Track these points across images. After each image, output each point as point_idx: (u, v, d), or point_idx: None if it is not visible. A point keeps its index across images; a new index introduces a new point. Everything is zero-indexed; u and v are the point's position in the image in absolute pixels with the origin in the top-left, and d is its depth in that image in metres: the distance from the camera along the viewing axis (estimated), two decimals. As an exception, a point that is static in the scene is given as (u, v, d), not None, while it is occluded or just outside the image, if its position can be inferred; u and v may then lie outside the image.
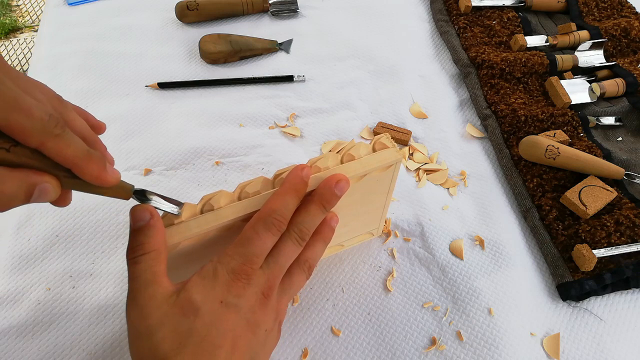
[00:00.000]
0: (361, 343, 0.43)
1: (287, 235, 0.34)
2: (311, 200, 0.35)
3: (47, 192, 0.27)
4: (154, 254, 0.30)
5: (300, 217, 0.35)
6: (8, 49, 1.95)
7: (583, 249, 0.46)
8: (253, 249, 0.32)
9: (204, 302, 0.30)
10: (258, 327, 0.32)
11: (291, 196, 0.34)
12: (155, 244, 0.31)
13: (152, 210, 0.31)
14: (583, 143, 0.56)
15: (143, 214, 0.31)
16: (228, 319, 0.30)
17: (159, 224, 0.31)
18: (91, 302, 0.45)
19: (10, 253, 0.48)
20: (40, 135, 0.25)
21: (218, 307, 0.30)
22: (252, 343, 0.32)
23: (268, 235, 0.32)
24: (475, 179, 0.56)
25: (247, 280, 0.31)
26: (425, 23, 0.76)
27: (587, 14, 0.73)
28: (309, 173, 0.35)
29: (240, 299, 0.31)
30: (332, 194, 0.35)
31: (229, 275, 0.31)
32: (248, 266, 0.31)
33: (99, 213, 0.51)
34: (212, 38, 0.67)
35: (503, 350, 0.42)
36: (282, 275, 0.34)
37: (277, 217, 0.33)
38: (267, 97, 0.64)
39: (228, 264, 0.31)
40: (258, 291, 0.32)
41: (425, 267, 0.48)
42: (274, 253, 0.33)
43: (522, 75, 0.64)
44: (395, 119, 0.62)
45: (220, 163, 0.56)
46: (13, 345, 0.42)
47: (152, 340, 0.29)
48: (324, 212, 0.36)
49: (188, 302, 0.30)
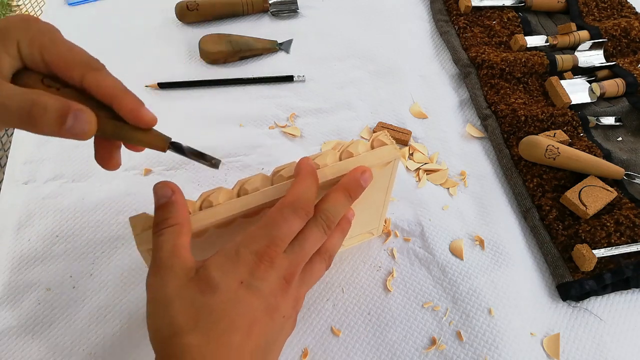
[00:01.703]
0: (361, 343, 0.43)
1: (314, 222, 0.34)
2: (337, 189, 0.35)
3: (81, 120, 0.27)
4: (176, 228, 0.31)
5: (328, 205, 0.34)
6: (8, 49, 1.94)
7: (583, 249, 0.46)
8: (279, 232, 0.31)
9: (222, 280, 0.30)
10: (277, 312, 0.31)
11: (310, 180, 0.34)
12: (177, 218, 0.32)
13: (174, 186, 0.33)
14: (583, 143, 0.56)
15: (165, 190, 0.32)
16: (247, 301, 0.30)
17: (181, 199, 0.33)
18: (91, 302, 0.45)
19: (11, 253, 0.48)
20: (82, 67, 0.28)
21: (238, 287, 0.30)
22: (269, 328, 0.31)
23: (295, 219, 0.32)
24: (475, 179, 0.56)
25: (270, 263, 0.31)
26: (425, 23, 0.76)
27: (587, 14, 0.73)
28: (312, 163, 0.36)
29: (262, 281, 0.30)
30: (358, 184, 0.36)
31: (252, 256, 0.31)
32: (272, 249, 0.31)
33: (99, 213, 0.51)
34: (212, 38, 0.67)
35: (503, 350, 0.42)
36: (305, 262, 0.34)
37: (304, 202, 0.33)
38: (267, 97, 0.64)
39: (252, 245, 0.31)
40: (280, 276, 0.31)
41: (425, 267, 0.48)
42: (300, 238, 0.33)
43: (522, 75, 0.64)
44: (395, 119, 0.62)
45: (221, 163, 0.56)
46: (13, 345, 0.42)
47: (168, 310, 0.29)
48: (349, 202, 0.36)
49: (206, 279, 0.30)
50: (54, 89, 0.28)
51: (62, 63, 0.28)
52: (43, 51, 0.28)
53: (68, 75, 0.29)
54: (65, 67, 0.28)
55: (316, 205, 0.34)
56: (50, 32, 0.29)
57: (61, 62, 0.28)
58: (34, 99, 0.27)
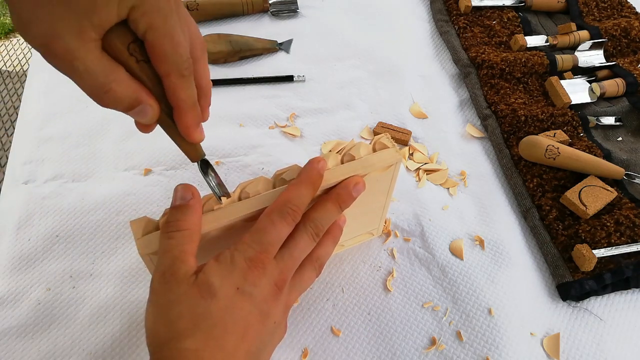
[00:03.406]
0: (361, 343, 0.43)
1: (304, 230, 0.34)
2: (328, 198, 0.36)
3: (146, 114, 0.29)
4: (186, 233, 0.31)
5: (317, 214, 0.35)
6: (8, 49, 1.95)
7: (583, 249, 0.46)
8: (269, 238, 0.32)
9: (221, 286, 0.30)
10: (268, 318, 0.32)
11: (307, 187, 0.34)
12: (190, 224, 0.32)
13: (195, 191, 0.33)
14: (583, 143, 0.56)
15: (186, 193, 0.33)
16: (242, 306, 0.31)
17: (198, 206, 0.33)
18: (91, 302, 0.45)
19: (11, 253, 0.48)
20: (171, 67, 0.28)
21: (234, 293, 0.31)
22: (262, 333, 0.32)
23: (283, 225, 0.33)
24: (475, 179, 0.56)
25: (262, 270, 0.32)
26: (425, 23, 0.76)
27: (587, 14, 0.73)
28: (324, 166, 0.36)
29: (255, 287, 0.31)
30: (349, 194, 0.36)
31: (246, 262, 0.31)
32: (264, 255, 0.32)
33: (99, 213, 0.51)
34: (212, 38, 0.67)
35: (503, 350, 0.42)
36: (295, 268, 0.34)
37: (292, 207, 0.33)
38: (267, 97, 0.64)
39: (245, 251, 0.32)
40: (272, 282, 0.32)
41: (425, 267, 0.48)
42: (289, 245, 0.34)
43: (522, 75, 0.64)
44: (395, 119, 0.62)
45: (220, 163, 0.56)
46: (13, 345, 0.42)
47: (169, 314, 0.29)
48: (339, 211, 0.36)
49: (206, 285, 0.30)
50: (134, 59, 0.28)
51: (158, 52, 0.28)
52: (149, 30, 0.27)
53: (156, 63, 0.28)
54: (157, 58, 0.28)
55: (306, 213, 0.35)
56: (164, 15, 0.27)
57: (158, 50, 0.27)
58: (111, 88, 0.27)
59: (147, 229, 0.33)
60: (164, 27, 0.27)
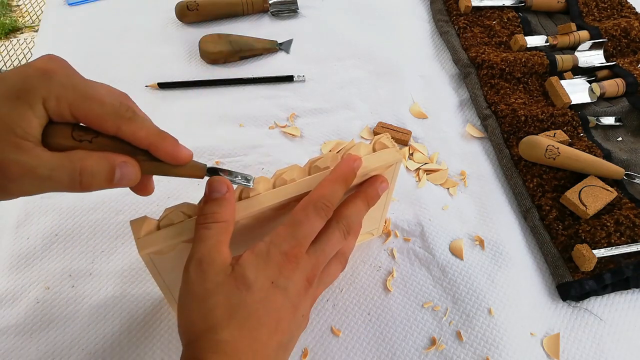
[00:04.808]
0: (361, 343, 0.43)
1: (336, 226, 0.35)
2: (358, 196, 0.37)
3: (127, 172, 0.29)
4: (223, 225, 0.32)
5: (349, 211, 0.36)
6: (8, 49, 1.95)
7: (583, 249, 0.46)
8: (303, 232, 0.33)
9: (256, 279, 0.31)
10: (298, 310, 0.33)
11: (340, 185, 0.35)
12: (226, 216, 0.32)
13: (229, 184, 0.34)
14: (583, 143, 0.56)
15: (221, 186, 0.33)
16: (276, 299, 0.31)
17: (232, 198, 0.34)
18: (90, 301, 0.45)
19: (9, 252, 0.48)
20: (115, 120, 0.28)
21: (269, 286, 0.31)
22: (292, 326, 0.33)
23: (317, 219, 0.33)
24: (475, 179, 0.56)
25: (296, 264, 0.32)
26: (425, 23, 0.76)
27: (587, 14, 0.73)
28: (359, 164, 0.36)
29: (289, 281, 0.32)
30: (375, 192, 0.38)
31: (281, 256, 0.32)
32: (298, 249, 0.32)
33: (98, 212, 0.51)
34: (212, 38, 0.67)
35: (503, 350, 0.42)
36: (325, 263, 0.35)
37: (327, 203, 0.34)
38: (267, 97, 0.64)
39: (281, 245, 0.32)
40: (304, 276, 0.33)
41: (425, 267, 0.48)
42: (321, 241, 0.34)
43: (522, 75, 0.64)
44: (395, 119, 0.62)
45: (221, 163, 0.56)
46: (12, 344, 0.42)
47: (206, 303, 0.30)
48: (367, 209, 0.38)
49: (242, 277, 0.31)
50: (86, 142, 0.28)
51: (94, 117, 0.28)
52: (72, 108, 0.27)
53: (101, 128, 0.28)
54: (98, 122, 0.28)
55: (338, 209, 0.36)
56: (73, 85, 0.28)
57: (93, 116, 0.28)
58: (81, 167, 0.27)
59: (146, 229, 0.33)
60: (81, 95, 0.28)
